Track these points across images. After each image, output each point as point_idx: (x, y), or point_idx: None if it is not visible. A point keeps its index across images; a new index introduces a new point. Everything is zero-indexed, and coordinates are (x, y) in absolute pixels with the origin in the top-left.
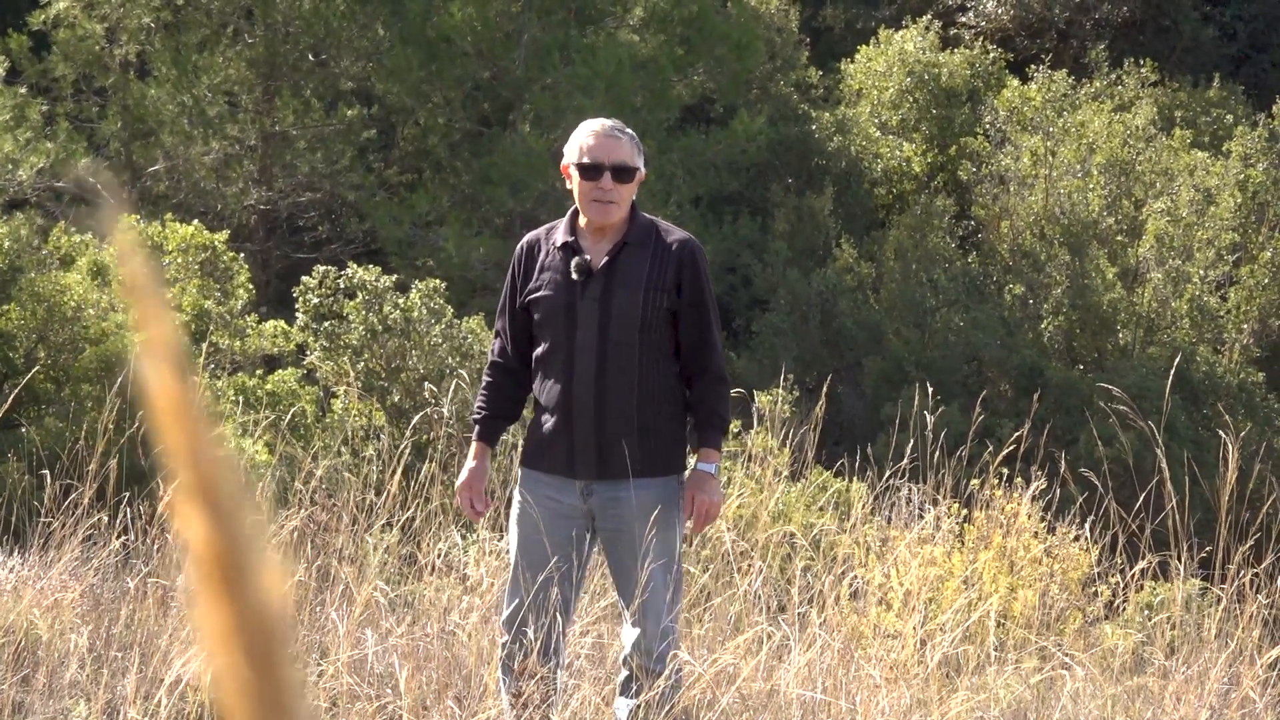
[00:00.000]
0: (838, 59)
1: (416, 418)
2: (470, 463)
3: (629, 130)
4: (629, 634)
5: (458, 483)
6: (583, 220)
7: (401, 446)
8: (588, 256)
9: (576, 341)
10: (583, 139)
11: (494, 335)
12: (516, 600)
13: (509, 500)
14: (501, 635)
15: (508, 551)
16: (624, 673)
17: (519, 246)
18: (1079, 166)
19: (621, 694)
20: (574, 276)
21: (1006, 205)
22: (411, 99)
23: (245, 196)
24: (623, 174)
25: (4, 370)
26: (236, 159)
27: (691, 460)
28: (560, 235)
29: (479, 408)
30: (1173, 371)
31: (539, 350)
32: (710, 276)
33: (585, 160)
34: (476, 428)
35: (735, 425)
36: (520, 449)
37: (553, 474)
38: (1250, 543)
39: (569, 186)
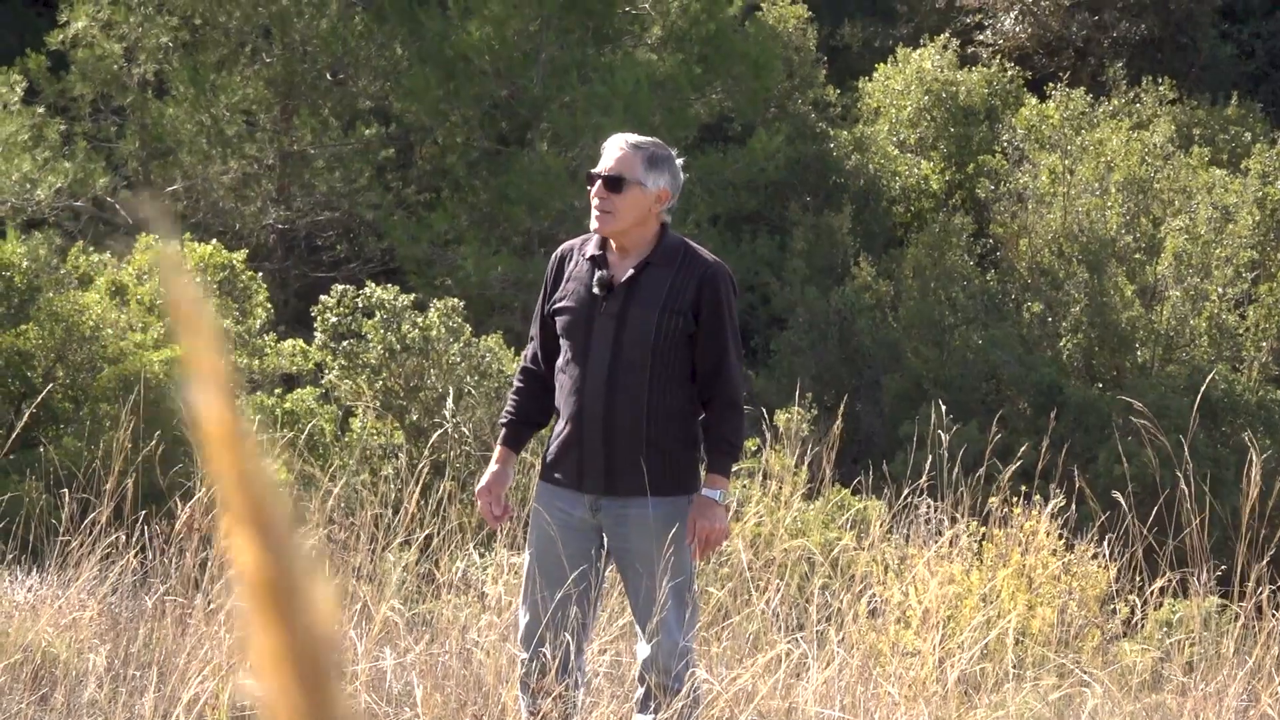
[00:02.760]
0: (856, 77)
1: (435, 435)
2: (493, 466)
3: (648, 146)
4: (642, 650)
5: (478, 486)
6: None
7: (420, 465)
8: (611, 272)
9: (590, 355)
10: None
11: (529, 339)
12: (530, 615)
13: (527, 517)
14: (520, 651)
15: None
16: (640, 690)
17: (555, 254)
18: (1097, 184)
19: (640, 711)
20: (595, 291)
21: (1025, 223)
22: (429, 118)
23: (263, 216)
24: (613, 184)
25: (22, 389)
26: (254, 178)
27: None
28: (591, 247)
29: (507, 412)
30: (1201, 393)
31: (560, 360)
32: (734, 302)
33: (591, 170)
34: (502, 431)
35: (753, 444)
36: (540, 463)
37: (564, 486)
38: (1269, 560)
39: None
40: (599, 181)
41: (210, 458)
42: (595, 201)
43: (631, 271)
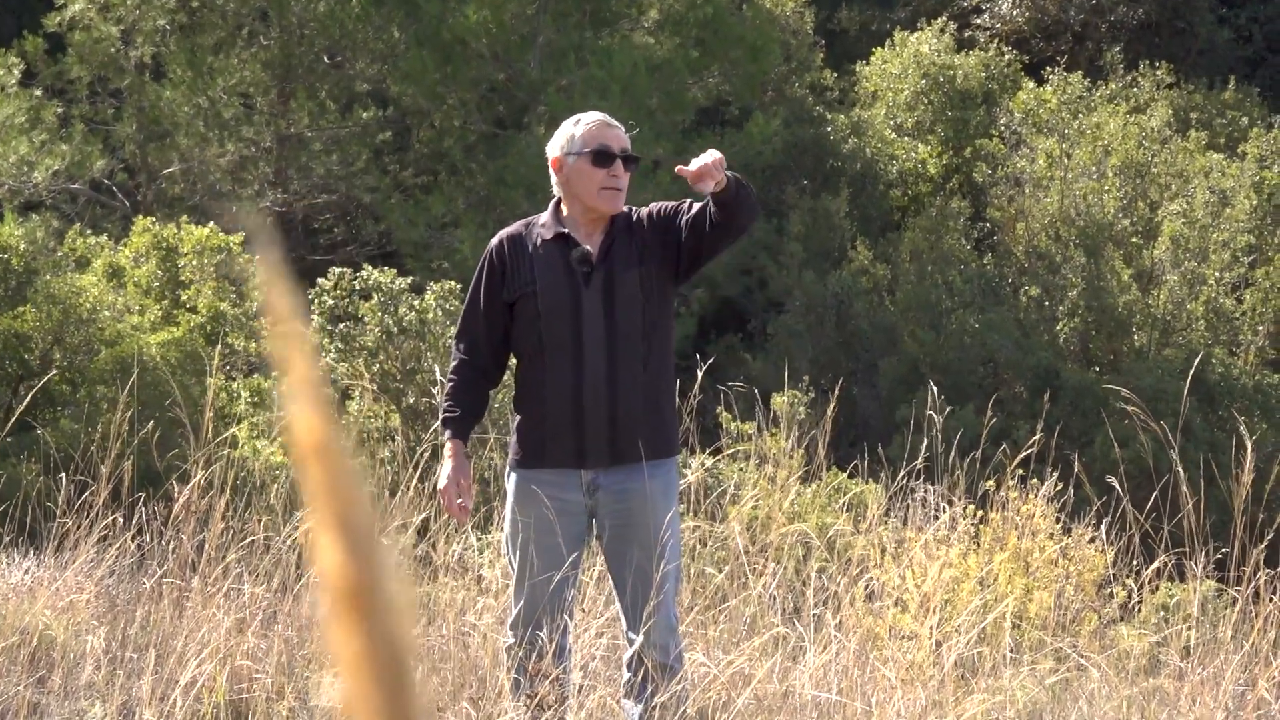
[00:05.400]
0: (853, 61)
1: (437, 423)
2: (451, 461)
3: None
4: (634, 633)
5: (440, 483)
6: (567, 211)
7: (422, 449)
8: (587, 247)
9: (584, 332)
10: (583, 130)
11: (457, 338)
12: (522, 602)
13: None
14: (507, 639)
15: (506, 554)
16: (626, 674)
17: (497, 243)
18: (1094, 168)
19: (635, 698)
20: (579, 268)
21: (1022, 207)
22: (427, 101)
23: (261, 199)
24: (630, 161)
25: (20, 372)
26: (252, 161)
27: None
28: (551, 228)
29: (450, 406)
30: (1194, 377)
31: (530, 346)
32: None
33: (596, 148)
34: (449, 428)
35: (749, 428)
36: (513, 453)
37: (558, 468)
38: (1266, 544)
39: (560, 179)
40: (618, 160)
41: (300, 465)
42: (611, 181)
43: (604, 243)
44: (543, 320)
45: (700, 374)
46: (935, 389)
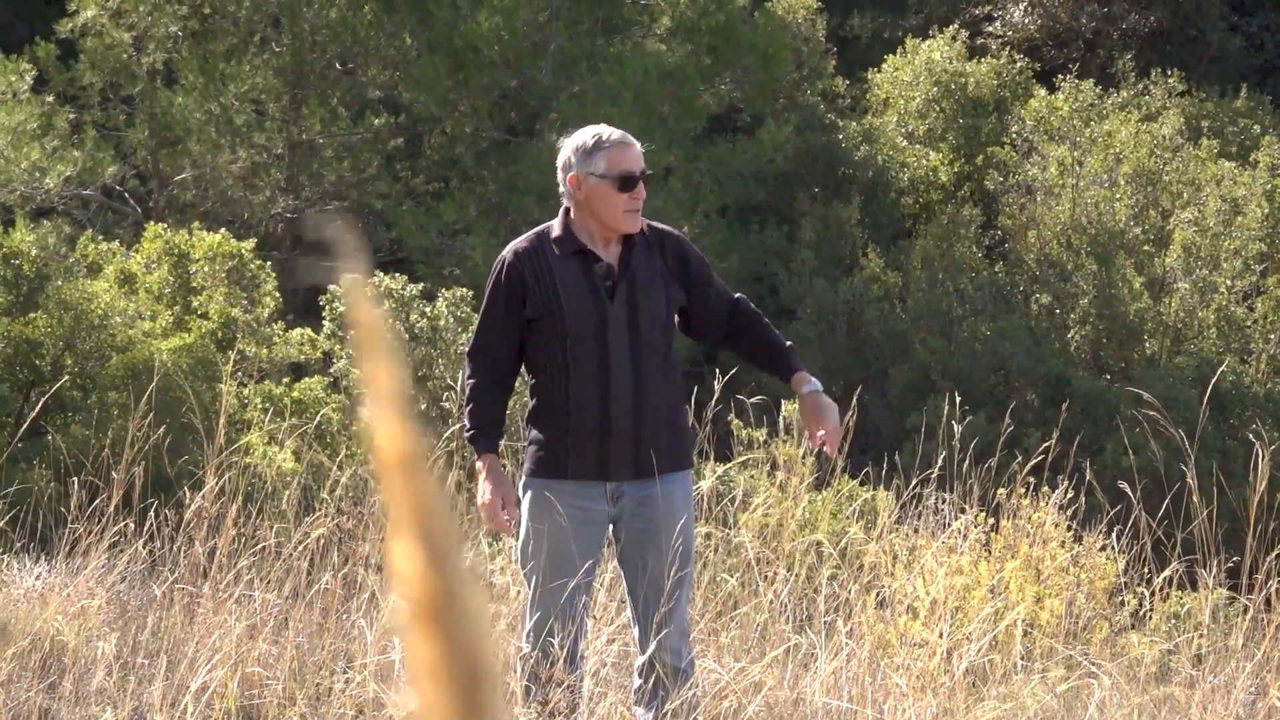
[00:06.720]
0: (865, 68)
1: (460, 426)
2: (491, 477)
3: None
4: (647, 638)
5: (485, 499)
6: (580, 223)
7: (434, 456)
8: (610, 262)
9: (610, 345)
10: (606, 154)
11: (472, 352)
12: (542, 612)
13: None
14: (527, 646)
15: (521, 565)
16: (637, 680)
17: (512, 258)
18: (1106, 176)
19: (645, 705)
20: (602, 283)
21: (1033, 215)
22: (438, 108)
23: (272, 205)
24: (647, 179)
25: (31, 378)
26: (263, 167)
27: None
28: (568, 242)
29: (478, 423)
30: (1210, 386)
31: (553, 361)
32: None
33: (621, 174)
34: (479, 445)
35: (761, 434)
36: (530, 463)
37: (581, 480)
38: (1277, 552)
39: (579, 196)
40: (640, 183)
41: (382, 475)
42: (633, 204)
43: (622, 256)
44: (570, 337)
45: (719, 386)
46: (950, 397)
